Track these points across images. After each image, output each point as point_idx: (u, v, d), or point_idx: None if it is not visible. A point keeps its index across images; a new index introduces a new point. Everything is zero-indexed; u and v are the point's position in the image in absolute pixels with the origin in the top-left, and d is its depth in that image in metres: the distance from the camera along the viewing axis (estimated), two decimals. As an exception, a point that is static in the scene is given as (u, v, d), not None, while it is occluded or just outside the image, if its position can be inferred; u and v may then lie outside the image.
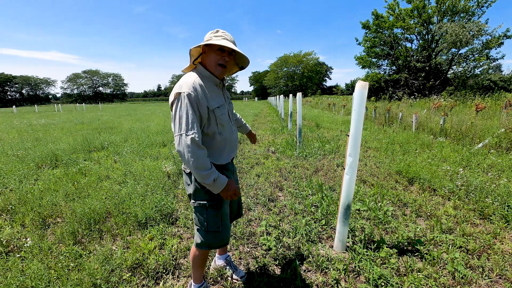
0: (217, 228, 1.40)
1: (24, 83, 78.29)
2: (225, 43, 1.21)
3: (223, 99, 1.36)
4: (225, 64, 1.28)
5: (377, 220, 2.56)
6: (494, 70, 29.82)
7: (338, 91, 66.11)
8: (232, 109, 1.52)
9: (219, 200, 1.37)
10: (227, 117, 1.37)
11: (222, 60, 1.26)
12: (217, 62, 1.26)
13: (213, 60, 1.26)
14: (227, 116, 1.38)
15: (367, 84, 1.75)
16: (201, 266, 1.56)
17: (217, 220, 1.39)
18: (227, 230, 1.46)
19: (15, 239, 2.32)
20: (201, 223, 1.39)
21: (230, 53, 1.28)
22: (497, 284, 1.77)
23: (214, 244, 1.45)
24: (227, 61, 1.27)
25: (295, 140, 5.93)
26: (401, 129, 7.77)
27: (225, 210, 1.44)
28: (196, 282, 1.61)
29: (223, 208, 1.41)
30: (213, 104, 1.25)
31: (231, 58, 1.30)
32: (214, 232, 1.41)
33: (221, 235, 1.43)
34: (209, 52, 1.27)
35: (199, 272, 1.58)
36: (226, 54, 1.26)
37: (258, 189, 3.40)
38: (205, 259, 1.55)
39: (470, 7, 22.60)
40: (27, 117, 18.32)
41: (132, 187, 3.29)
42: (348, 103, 14.78)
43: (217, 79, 1.31)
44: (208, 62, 1.28)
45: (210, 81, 1.30)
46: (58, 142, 6.62)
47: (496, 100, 12.24)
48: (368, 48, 29.16)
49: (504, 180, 3.26)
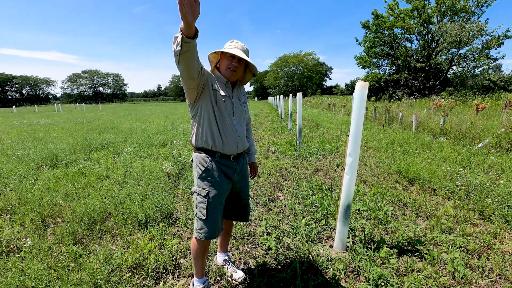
0: (203, 216, 1.48)
1: (24, 83, 78.29)
2: (235, 51, 1.41)
3: (228, 94, 1.50)
4: (234, 69, 1.47)
5: (377, 220, 2.56)
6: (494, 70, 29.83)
7: (338, 91, 66.10)
8: (242, 112, 1.60)
9: (207, 190, 1.47)
10: (229, 109, 1.49)
11: (231, 65, 1.46)
12: (227, 66, 1.47)
13: (224, 64, 1.48)
14: (230, 109, 1.50)
15: (367, 84, 1.75)
16: (199, 258, 1.58)
17: (203, 208, 1.47)
18: (214, 224, 1.49)
19: (15, 239, 2.32)
20: (193, 210, 1.48)
21: (240, 60, 1.48)
22: (497, 284, 1.77)
23: (201, 233, 1.50)
24: (236, 66, 1.47)
25: (295, 140, 5.93)
26: (401, 129, 7.77)
27: (214, 203, 1.48)
28: (197, 276, 1.65)
29: (212, 199, 1.47)
30: (216, 87, 1.44)
31: (241, 64, 1.49)
32: (200, 220, 1.49)
33: (206, 224, 1.48)
34: (223, 58, 1.50)
35: (198, 264, 1.61)
36: (236, 61, 1.46)
37: (258, 189, 3.40)
38: (202, 251, 1.57)
39: (470, 7, 22.61)
40: (27, 117, 18.32)
41: (132, 187, 3.29)
42: (348, 103, 14.78)
43: (224, 79, 1.50)
44: (221, 66, 1.52)
45: (221, 79, 1.52)
46: (58, 142, 6.62)
47: (496, 100, 12.25)
48: (368, 48, 29.15)
49: (504, 180, 3.26)
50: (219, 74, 1.52)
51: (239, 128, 1.54)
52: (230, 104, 1.51)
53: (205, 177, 1.48)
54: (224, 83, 1.51)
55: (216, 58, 1.55)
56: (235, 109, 1.53)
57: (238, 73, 1.51)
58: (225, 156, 1.51)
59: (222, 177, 1.50)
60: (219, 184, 1.49)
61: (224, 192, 1.53)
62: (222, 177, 1.50)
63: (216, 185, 1.49)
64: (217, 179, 1.49)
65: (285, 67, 67.07)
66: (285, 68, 67.15)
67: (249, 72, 1.61)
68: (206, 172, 1.48)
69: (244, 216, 1.75)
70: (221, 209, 1.54)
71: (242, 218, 1.75)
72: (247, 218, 1.77)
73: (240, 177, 1.61)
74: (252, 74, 1.62)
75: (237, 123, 1.53)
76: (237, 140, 1.51)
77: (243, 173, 1.65)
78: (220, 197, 1.50)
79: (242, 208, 1.72)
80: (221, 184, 1.50)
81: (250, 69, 1.60)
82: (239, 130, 1.54)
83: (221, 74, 1.51)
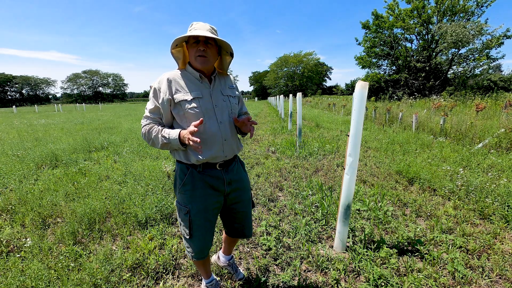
0: (186, 235, 1.32)
1: (24, 83, 78.27)
2: (196, 33, 1.14)
3: (202, 93, 1.24)
4: (203, 54, 1.20)
5: (377, 220, 2.56)
6: (494, 70, 29.79)
7: (338, 91, 66.07)
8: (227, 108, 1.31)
9: (188, 206, 1.29)
10: (207, 109, 1.24)
11: (199, 51, 1.20)
12: (195, 55, 1.21)
13: (192, 54, 1.23)
14: (209, 108, 1.25)
15: (367, 84, 1.75)
16: (200, 266, 1.56)
17: (185, 227, 1.32)
18: (200, 243, 1.33)
19: (15, 239, 2.32)
20: (179, 225, 1.40)
21: (207, 42, 1.21)
22: (497, 284, 1.77)
23: (188, 251, 1.38)
24: (203, 50, 1.20)
25: (295, 140, 5.93)
26: (401, 129, 7.77)
27: (198, 220, 1.29)
28: (204, 278, 1.65)
29: (195, 216, 1.29)
30: (179, 97, 1.21)
31: (210, 47, 1.22)
32: (185, 239, 1.36)
33: (191, 244, 1.34)
34: (189, 49, 1.25)
35: (200, 270, 1.61)
36: (202, 44, 1.20)
37: (258, 189, 3.40)
38: (202, 262, 1.52)
39: (469, 7, 22.61)
40: (27, 117, 18.32)
41: (132, 187, 3.29)
42: (348, 103, 14.78)
43: (197, 73, 1.25)
44: (190, 58, 1.26)
45: (191, 76, 1.28)
46: (58, 142, 6.62)
47: (496, 100, 12.25)
48: (368, 48, 29.14)
49: (504, 180, 3.26)
50: (190, 69, 1.26)
51: (223, 129, 1.27)
52: (208, 103, 1.24)
53: (185, 191, 1.29)
54: (198, 78, 1.26)
55: (181, 52, 1.29)
56: (216, 107, 1.26)
57: (211, 58, 1.23)
58: (210, 165, 1.28)
59: (207, 190, 1.29)
60: (202, 198, 1.28)
61: (211, 207, 1.32)
62: (207, 190, 1.29)
63: (199, 200, 1.28)
64: (199, 193, 1.28)
65: (285, 67, 67.03)
66: (285, 68, 67.11)
67: (226, 53, 1.32)
68: (186, 186, 1.29)
69: (243, 231, 1.51)
70: (209, 225, 1.34)
71: (241, 234, 1.52)
72: (248, 233, 1.52)
73: (233, 188, 1.37)
74: (230, 54, 1.32)
75: (221, 123, 1.26)
76: (223, 144, 1.27)
77: (238, 182, 1.39)
78: (206, 213, 1.30)
79: (240, 222, 1.48)
80: (206, 198, 1.29)
81: (226, 50, 1.30)
82: (224, 132, 1.27)
83: (193, 68, 1.26)
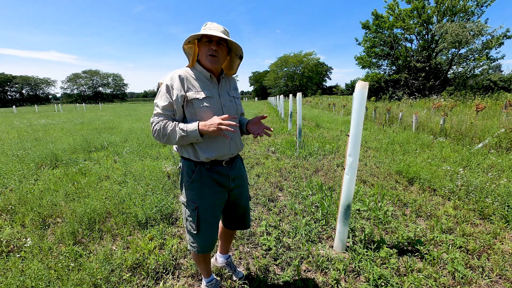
0: (193, 230, 1.36)
1: (24, 83, 78.25)
2: (211, 33, 1.19)
3: (212, 93, 1.30)
4: (214, 53, 1.25)
5: (377, 220, 2.56)
6: (494, 70, 29.79)
7: (338, 91, 66.02)
8: (234, 109, 1.40)
9: (196, 203, 1.33)
10: (216, 109, 1.30)
11: (211, 50, 1.25)
12: (206, 53, 1.26)
13: (203, 52, 1.27)
14: (218, 108, 1.31)
15: (367, 84, 1.75)
16: (200, 263, 1.57)
17: (192, 223, 1.35)
18: (207, 237, 1.38)
19: (15, 239, 2.32)
20: (183, 222, 1.42)
21: (219, 43, 1.26)
22: (497, 284, 1.77)
23: (193, 247, 1.40)
24: (215, 49, 1.25)
25: (295, 140, 5.93)
26: (401, 129, 7.77)
27: (205, 216, 1.35)
28: (204, 277, 1.65)
29: (202, 212, 1.34)
30: (191, 96, 1.25)
31: (221, 48, 1.28)
32: (191, 234, 1.39)
33: (198, 238, 1.37)
34: (200, 47, 1.29)
35: (201, 268, 1.60)
36: (214, 44, 1.25)
37: (258, 189, 3.40)
38: (201, 259, 1.53)
39: (469, 7, 22.61)
40: (27, 117, 18.31)
41: (132, 187, 3.29)
42: (348, 103, 14.78)
43: (207, 73, 1.30)
44: (201, 56, 1.30)
45: (201, 75, 1.32)
46: (58, 142, 6.62)
47: (496, 100, 12.25)
48: (368, 48, 29.12)
49: (504, 180, 3.26)
50: (200, 68, 1.31)
51: None
52: (217, 103, 1.31)
53: (194, 188, 1.33)
54: (208, 78, 1.31)
55: (192, 49, 1.33)
56: (224, 107, 1.33)
57: (221, 59, 1.29)
58: (217, 163, 1.35)
59: (214, 187, 1.35)
60: (211, 195, 1.34)
61: (218, 203, 1.39)
62: (214, 187, 1.35)
63: (208, 197, 1.34)
64: (208, 189, 1.33)
65: (285, 67, 67.06)
66: (285, 68, 67.13)
67: (235, 56, 1.38)
68: (195, 183, 1.33)
69: (244, 223, 1.61)
70: (216, 220, 1.40)
71: (242, 226, 1.62)
72: (247, 225, 1.63)
73: (236, 184, 1.45)
74: (239, 57, 1.38)
75: None
76: (230, 143, 1.35)
77: (240, 178, 1.48)
78: (213, 209, 1.36)
79: (241, 216, 1.58)
80: (214, 194, 1.35)
81: (236, 52, 1.37)
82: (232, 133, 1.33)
83: (203, 66, 1.31)
